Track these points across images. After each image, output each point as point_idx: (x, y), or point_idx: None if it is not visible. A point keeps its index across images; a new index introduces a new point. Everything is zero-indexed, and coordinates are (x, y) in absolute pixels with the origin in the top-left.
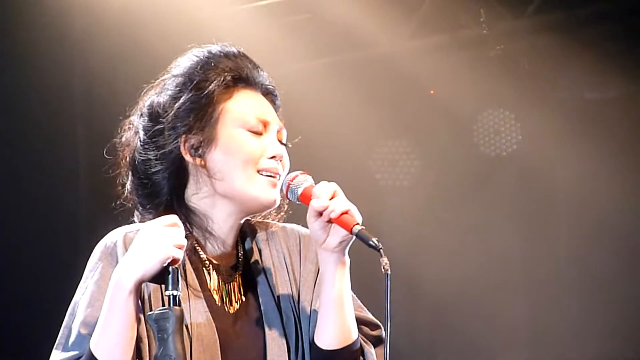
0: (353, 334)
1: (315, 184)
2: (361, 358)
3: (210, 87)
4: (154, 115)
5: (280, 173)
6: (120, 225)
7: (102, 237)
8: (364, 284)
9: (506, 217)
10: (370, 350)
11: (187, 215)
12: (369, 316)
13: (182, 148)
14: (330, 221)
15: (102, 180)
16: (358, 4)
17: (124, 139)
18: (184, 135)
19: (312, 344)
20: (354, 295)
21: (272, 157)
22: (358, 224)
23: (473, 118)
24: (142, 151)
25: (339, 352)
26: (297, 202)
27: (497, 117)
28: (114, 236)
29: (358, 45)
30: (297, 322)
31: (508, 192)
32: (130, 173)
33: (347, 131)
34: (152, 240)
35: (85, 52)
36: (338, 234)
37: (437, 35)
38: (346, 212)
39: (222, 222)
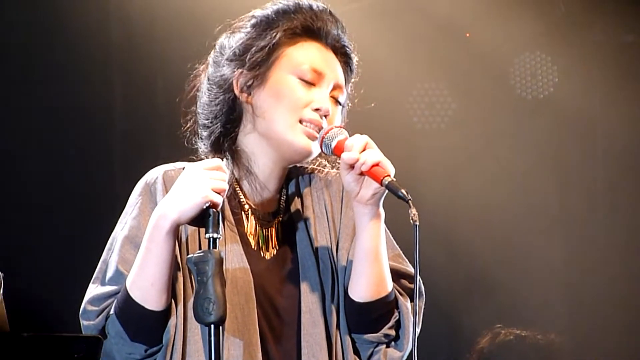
0: (387, 286)
1: (350, 136)
2: (395, 310)
3: (277, 29)
4: (222, 48)
5: (324, 127)
6: (155, 166)
7: (136, 180)
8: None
9: (543, 160)
10: (405, 302)
11: (233, 155)
12: (408, 268)
13: (235, 81)
14: (362, 174)
15: (137, 122)
16: None
17: (196, 71)
18: (239, 70)
19: (345, 294)
20: (395, 245)
21: (317, 110)
22: (389, 175)
23: (509, 61)
24: (205, 81)
25: (371, 304)
26: (332, 155)
27: (533, 60)
28: (155, 173)
29: None
30: (334, 270)
31: (545, 135)
32: (195, 102)
33: (383, 74)
34: (192, 183)
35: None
36: (370, 186)
37: None
38: (377, 164)
39: (264, 167)
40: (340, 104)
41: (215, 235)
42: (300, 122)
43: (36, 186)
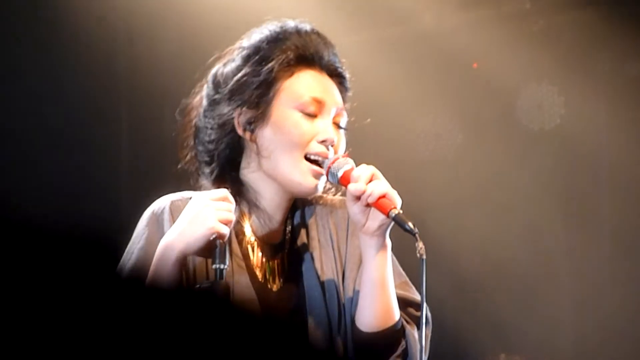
0: (394, 316)
1: (356, 166)
2: (402, 339)
3: (272, 63)
4: (216, 85)
5: (330, 157)
6: (162, 195)
7: (142, 209)
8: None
9: (549, 191)
10: (412, 331)
11: (238, 188)
12: (415, 296)
13: (236, 121)
14: (368, 205)
15: (144, 154)
16: None
17: (192, 101)
18: (239, 109)
19: (353, 324)
20: (402, 272)
21: (323, 142)
22: (395, 207)
23: (516, 92)
24: (202, 118)
25: (379, 334)
26: (338, 185)
27: (540, 92)
28: (162, 203)
29: (401, 20)
30: (340, 301)
31: (551, 167)
32: (192, 137)
33: (390, 105)
34: (198, 214)
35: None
36: (377, 217)
37: (480, 9)
38: (383, 196)
39: (269, 199)
40: (342, 128)
41: (222, 266)
42: (307, 157)
43: (40, 216)
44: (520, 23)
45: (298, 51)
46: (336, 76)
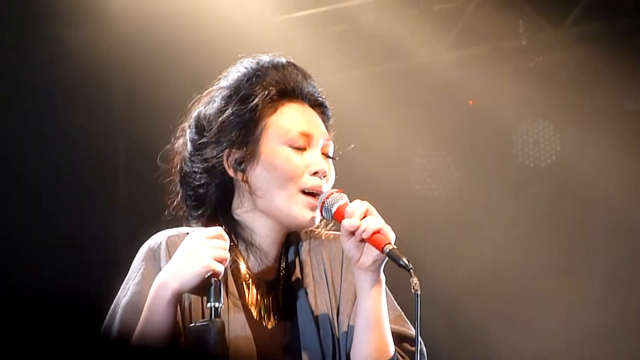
0: (389, 351)
1: (350, 201)
2: None
3: (255, 101)
4: (200, 128)
5: (324, 190)
6: (158, 232)
7: (139, 245)
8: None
9: (545, 229)
10: None
11: (232, 227)
12: (409, 331)
13: (225, 162)
14: (363, 240)
15: (141, 192)
16: (397, 15)
17: (175, 146)
18: (227, 150)
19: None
20: (397, 306)
21: (315, 174)
22: (389, 243)
23: (512, 129)
24: (189, 163)
25: None
26: (332, 220)
27: (536, 128)
28: (158, 238)
29: (397, 56)
30: (335, 337)
31: (547, 204)
32: (179, 182)
33: (387, 141)
34: (193, 252)
35: (125, 62)
36: (371, 253)
37: (477, 46)
38: (378, 232)
39: (264, 236)
40: (331, 157)
41: (217, 305)
42: (301, 191)
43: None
44: (516, 60)
45: (279, 86)
46: (318, 106)
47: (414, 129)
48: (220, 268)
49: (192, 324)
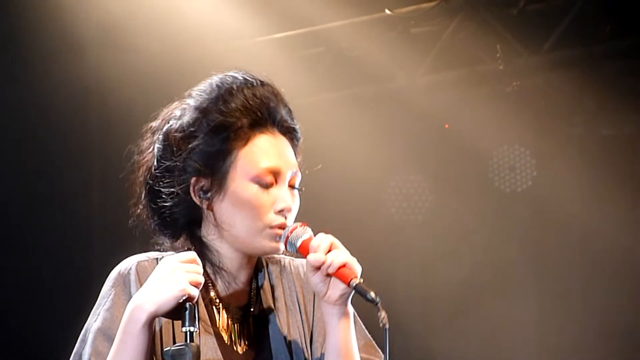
0: None
1: (315, 234)
2: None
3: (226, 132)
4: (168, 149)
5: (288, 223)
6: (135, 253)
7: (113, 266)
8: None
9: (521, 253)
10: None
11: (200, 250)
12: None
13: (191, 190)
14: (329, 275)
15: (115, 209)
16: (374, 38)
17: (142, 152)
18: (194, 178)
19: None
20: (367, 334)
21: (280, 211)
22: (356, 277)
23: (488, 154)
24: (154, 179)
25: None
26: (296, 254)
27: (512, 153)
28: (128, 264)
29: (373, 79)
30: None
31: (523, 229)
32: (144, 195)
33: (362, 165)
34: (169, 276)
35: (102, 79)
36: (338, 287)
37: (453, 70)
38: (344, 266)
39: (232, 262)
40: (296, 188)
41: (192, 329)
42: (267, 227)
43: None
44: (493, 84)
45: (251, 115)
46: (289, 132)
47: (389, 153)
48: (195, 292)
49: (168, 348)
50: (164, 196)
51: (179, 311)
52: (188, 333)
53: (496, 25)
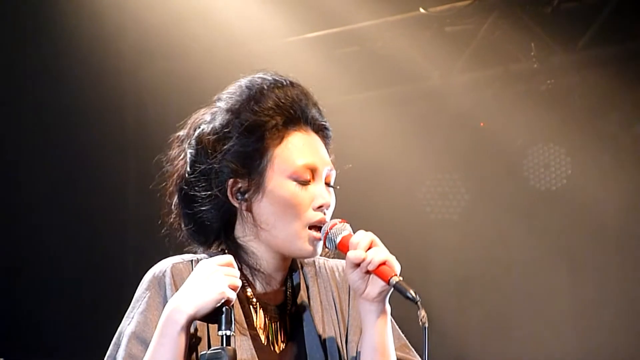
0: None
1: (354, 231)
2: None
3: (260, 131)
4: (202, 153)
5: (327, 221)
6: (168, 256)
7: (149, 268)
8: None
9: (555, 252)
10: None
11: (236, 252)
12: (415, 359)
13: (228, 192)
14: (368, 272)
15: (150, 211)
16: (409, 36)
17: (172, 161)
18: (231, 180)
19: None
20: (402, 335)
21: (319, 208)
22: (396, 274)
23: (523, 152)
24: (189, 185)
25: None
26: (335, 250)
27: (547, 152)
28: (163, 266)
29: (408, 78)
30: None
31: (557, 227)
32: (177, 202)
33: (397, 164)
34: (208, 279)
35: (138, 80)
36: (377, 284)
37: (488, 69)
38: (383, 263)
39: (268, 264)
40: (332, 186)
41: (228, 333)
42: (306, 226)
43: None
44: (528, 83)
45: (284, 113)
46: (321, 130)
47: (424, 152)
48: (233, 295)
49: (204, 352)
50: (200, 201)
51: (215, 314)
52: (224, 337)
53: (530, 23)
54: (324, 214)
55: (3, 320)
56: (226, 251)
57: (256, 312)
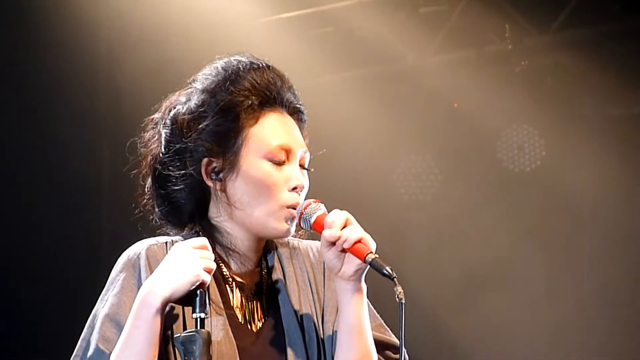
0: (372, 359)
1: (328, 210)
2: None
3: (236, 111)
4: (177, 132)
5: (300, 202)
6: (142, 238)
7: (123, 250)
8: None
9: (529, 233)
10: None
11: (210, 233)
12: (392, 338)
13: (203, 171)
14: (344, 250)
15: (124, 194)
16: (383, 18)
17: (146, 143)
18: (206, 159)
19: None
20: (377, 315)
21: (294, 189)
22: (371, 252)
23: (497, 134)
24: (163, 165)
25: None
26: (310, 230)
27: (521, 133)
28: (137, 248)
29: (382, 59)
30: (320, 343)
31: (531, 209)
32: (150, 183)
33: (371, 145)
34: (183, 262)
35: (111, 64)
36: (353, 262)
37: (462, 50)
38: (359, 241)
39: (242, 243)
40: (306, 169)
41: (202, 315)
42: (281, 207)
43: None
44: (502, 64)
45: (259, 94)
46: (296, 113)
47: (398, 133)
48: (208, 278)
49: (178, 335)
50: (173, 180)
51: (190, 297)
52: (199, 319)
53: (504, 4)
54: (298, 194)
55: None
56: (200, 233)
57: (232, 291)
